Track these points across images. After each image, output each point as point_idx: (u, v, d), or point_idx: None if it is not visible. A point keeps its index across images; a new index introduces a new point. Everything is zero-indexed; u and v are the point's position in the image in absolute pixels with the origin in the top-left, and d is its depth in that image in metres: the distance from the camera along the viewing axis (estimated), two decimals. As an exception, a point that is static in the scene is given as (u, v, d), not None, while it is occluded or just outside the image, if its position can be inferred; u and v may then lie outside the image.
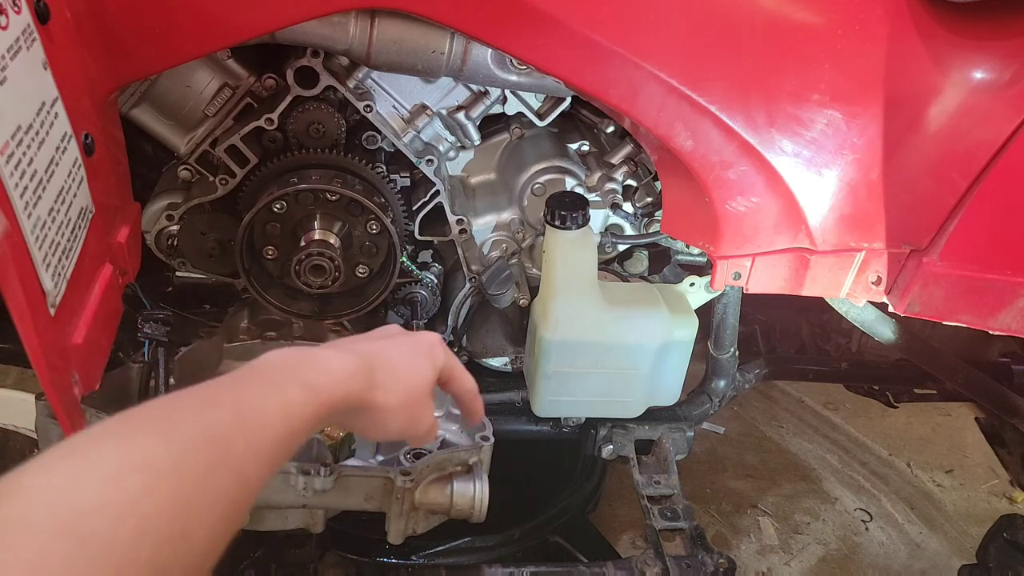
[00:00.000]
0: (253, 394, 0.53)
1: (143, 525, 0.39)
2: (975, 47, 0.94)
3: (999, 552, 1.36)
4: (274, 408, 0.53)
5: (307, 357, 0.62)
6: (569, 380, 1.24)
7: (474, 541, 1.43)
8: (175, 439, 0.44)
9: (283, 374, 0.58)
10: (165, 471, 0.42)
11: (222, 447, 0.47)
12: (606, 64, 0.94)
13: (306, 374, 0.59)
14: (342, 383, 0.63)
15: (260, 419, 0.51)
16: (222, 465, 0.46)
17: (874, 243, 1.04)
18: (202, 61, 1.11)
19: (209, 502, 0.44)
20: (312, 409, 0.58)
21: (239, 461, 0.47)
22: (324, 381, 0.60)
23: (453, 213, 1.23)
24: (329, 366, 0.62)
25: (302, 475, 0.93)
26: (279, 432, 0.53)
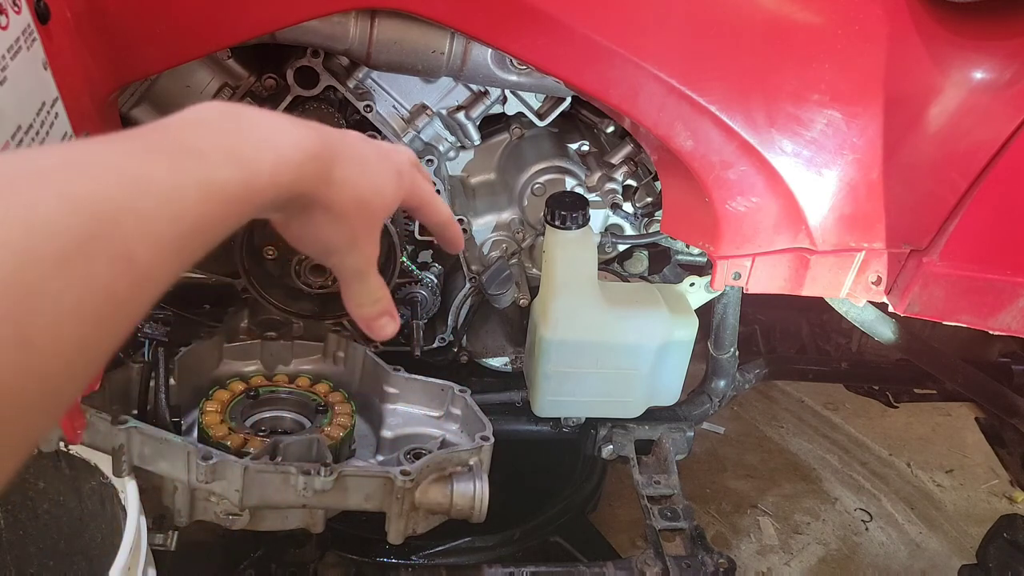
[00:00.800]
0: (160, 162, 0.39)
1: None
2: (975, 47, 0.94)
3: (999, 552, 1.36)
4: (191, 184, 0.40)
5: (249, 122, 0.47)
6: (569, 380, 1.24)
7: (474, 541, 1.43)
8: (29, 203, 0.31)
9: (212, 141, 0.44)
10: (7, 251, 0.30)
11: (103, 222, 0.34)
12: (606, 64, 0.94)
13: (243, 147, 0.45)
14: (294, 167, 0.48)
15: (166, 194, 0.38)
16: (99, 245, 0.33)
17: (874, 243, 1.04)
18: (202, 61, 1.11)
19: (69, 295, 0.31)
20: (244, 193, 0.44)
21: (127, 245, 0.35)
22: (268, 159, 0.46)
23: (453, 213, 1.23)
24: (278, 141, 0.48)
25: (302, 475, 0.93)
26: (195, 217, 0.40)
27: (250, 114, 0.48)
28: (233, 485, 0.92)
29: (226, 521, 0.96)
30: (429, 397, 1.12)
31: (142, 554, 0.85)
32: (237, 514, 0.96)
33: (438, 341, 1.35)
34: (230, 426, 0.99)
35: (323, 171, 0.52)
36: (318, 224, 0.55)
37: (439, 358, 1.37)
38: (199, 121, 0.45)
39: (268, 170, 0.46)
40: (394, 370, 1.12)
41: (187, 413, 1.05)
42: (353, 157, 0.55)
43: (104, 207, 0.34)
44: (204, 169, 0.41)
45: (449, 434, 1.10)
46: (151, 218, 0.36)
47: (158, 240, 0.37)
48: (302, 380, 1.11)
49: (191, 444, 0.92)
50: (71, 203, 0.33)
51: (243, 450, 0.96)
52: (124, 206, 0.35)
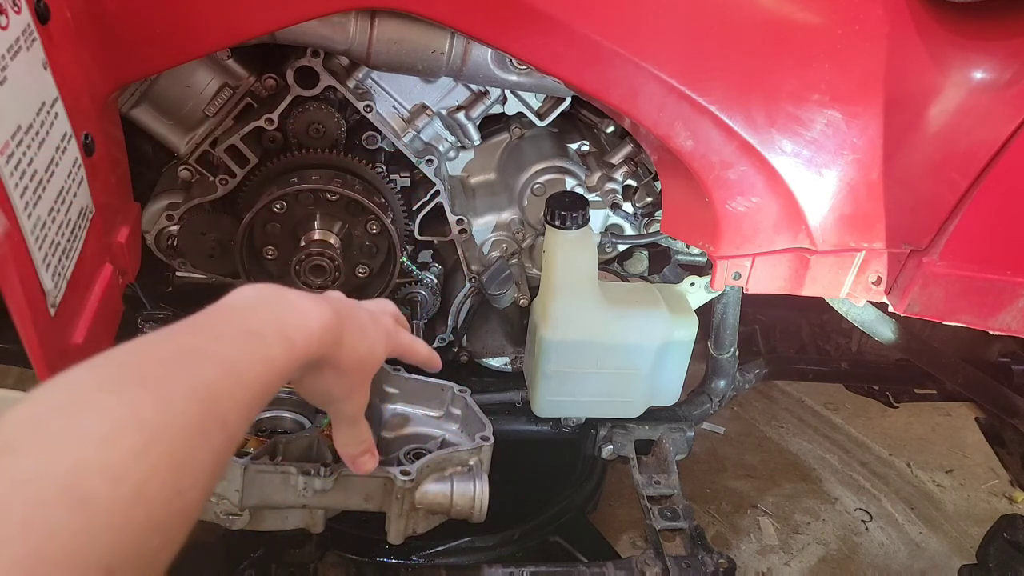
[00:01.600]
0: (238, 346, 0.52)
1: (141, 485, 0.39)
2: (975, 47, 0.94)
3: (999, 552, 1.36)
4: (257, 362, 0.52)
5: (287, 305, 0.60)
6: (569, 380, 1.24)
7: (474, 541, 1.43)
8: (165, 396, 0.43)
9: (265, 324, 0.56)
10: (159, 430, 0.41)
11: (211, 403, 0.46)
12: (606, 64, 0.94)
13: (286, 326, 0.57)
14: (317, 338, 0.60)
15: (245, 374, 0.50)
16: (212, 422, 0.45)
17: (874, 243, 1.04)
18: (202, 61, 1.11)
19: (201, 459, 0.44)
20: (289, 364, 0.56)
21: (225, 416, 0.47)
22: (301, 335, 0.58)
23: (453, 213, 1.23)
24: (307, 319, 0.60)
25: (302, 475, 0.93)
26: (260, 386, 0.52)
27: (283, 297, 0.60)
28: (233, 485, 0.92)
29: (226, 521, 0.96)
30: (429, 397, 1.12)
31: (142, 554, 0.85)
32: (237, 514, 0.96)
33: (438, 341, 1.35)
34: (230, 426, 0.99)
35: (336, 339, 0.63)
36: (326, 378, 0.67)
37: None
38: (250, 308, 0.57)
39: (302, 344, 0.58)
40: (394, 370, 1.12)
41: (187, 413, 1.05)
42: (355, 326, 0.67)
43: (211, 392, 0.46)
44: (264, 350, 0.53)
45: (449, 434, 1.10)
46: (236, 392, 0.49)
47: (240, 407, 0.49)
48: (302, 380, 1.11)
49: (191, 444, 0.92)
50: (194, 394, 0.45)
51: (243, 450, 0.96)
52: (221, 387, 0.47)
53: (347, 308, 0.67)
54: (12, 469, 0.36)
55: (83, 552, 0.35)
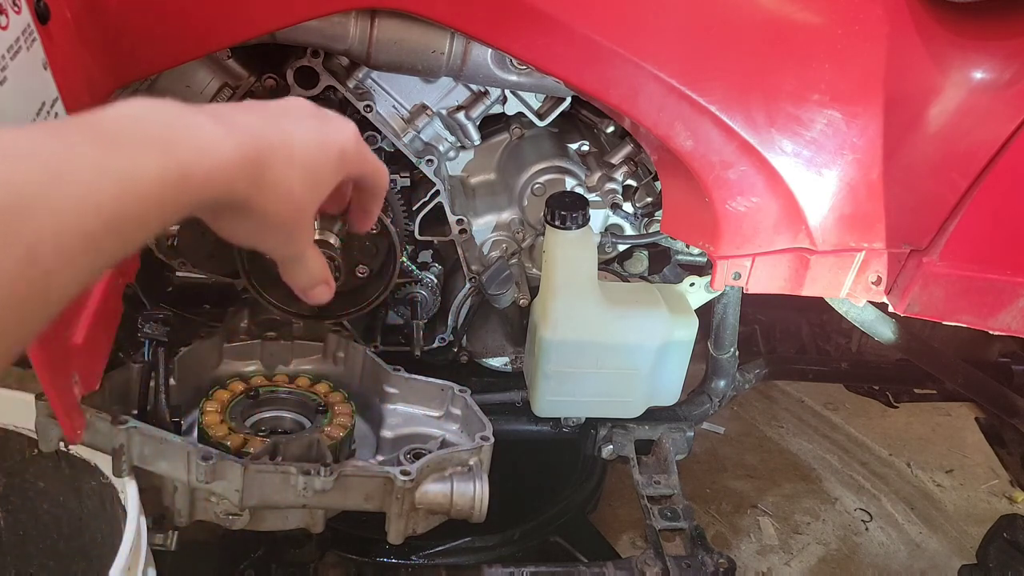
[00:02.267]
0: (81, 151, 0.38)
1: None
2: (975, 47, 0.94)
3: (999, 552, 1.36)
4: (110, 176, 0.38)
5: (179, 124, 0.45)
6: (569, 380, 1.24)
7: (474, 541, 1.43)
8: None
9: (137, 137, 0.42)
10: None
11: (11, 213, 0.33)
12: (606, 64, 0.94)
13: (172, 144, 0.43)
14: (218, 171, 0.46)
15: (82, 185, 0.36)
16: (3, 240, 0.32)
17: (874, 243, 1.04)
18: (202, 61, 1.11)
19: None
20: (167, 190, 0.42)
21: (35, 236, 0.33)
22: (196, 164, 0.44)
23: (453, 213, 1.23)
24: (206, 145, 0.46)
25: (302, 475, 0.93)
26: (108, 209, 0.38)
27: (183, 112, 0.46)
28: (233, 485, 0.92)
29: (226, 521, 0.96)
30: (429, 397, 1.12)
31: (142, 554, 0.85)
32: (237, 514, 0.96)
33: (438, 341, 1.35)
34: (230, 426, 0.99)
35: (256, 176, 0.50)
36: (250, 226, 0.54)
37: (439, 358, 1.37)
38: (129, 115, 0.43)
39: (198, 176, 0.44)
40: (394, 370, 1.12)
41: (187, 413, 1.05)
42: (289, 157, 0.53)
43: (16, 197, 0.33)
44: (124, 159, 0.39)
45: (449, 434, 1.10)
46: (65, 208, 0.35)
47: (70, 235, 0.35)
48: (302, 380, 1.11)
49: (191, 444, 0.92)
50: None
51: (243, 450, 0.96)
52: (39, 195, 0.34)
53: (274, 131, 0.52)
54: None
55: None
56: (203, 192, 0.45)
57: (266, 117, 0.53)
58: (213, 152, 0.46)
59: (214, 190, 0.46)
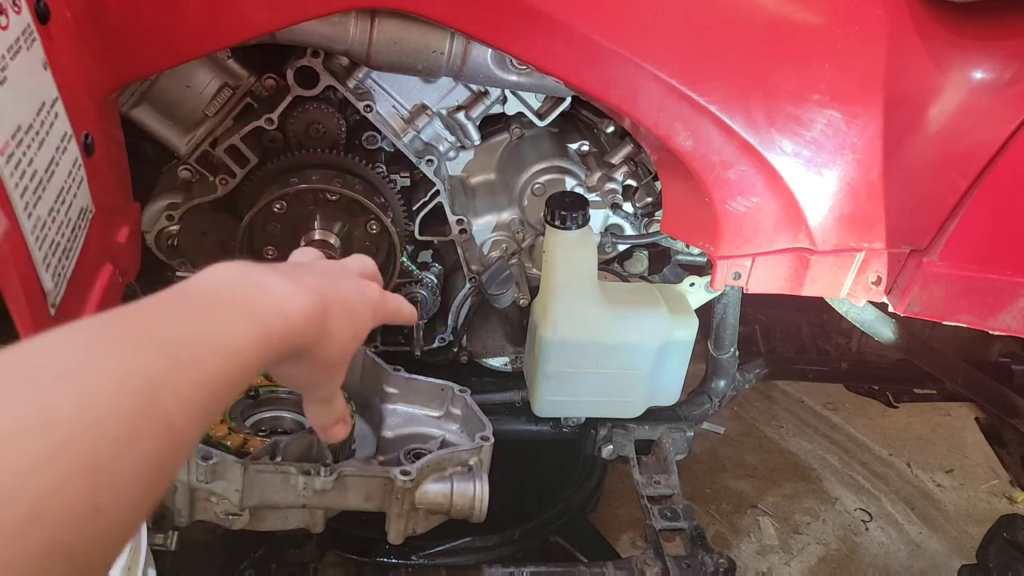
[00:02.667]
0: (189, 328, 0.43)
1: (42, 502, 0.31)
2: (975, 47, 0.94)
3: (999, 552, 1.36)
4: (215, 350, 0.43)
5: (260, 289, 0.50)
6: (569, 380, 1.24)
7: (474, 541, 1.43)
8: (89, 390, 0.35)
9: (233, 309, 0.47)
10: (75, 434, 0.33)
11: (148, 400, 0.37)
12: (606, 64, 0.94)
13: (260, 312, 0.48)
14: (297, 329, 0.52)
15: (197, 363, 0.41)
16: (147, 422, 0.37)
17: (874, 243, 1.04)
18: (202, 61, 1.11)
19: (130, 469, 0.35)
20: (259, 356, 0.47)
21: (169, 416, 0.38)
22: (278, 324, 0.49)
23: (453, 213, 1.23)
24: (284, 306, 0.51)
25: (302, 475, 0.93)
26: (218, 380, 0.43)
27: (260, 279, 0.52)
28: (233, 485, 0.92)
29: (226, 521, 0.96)
30: (429, 397, 1.12)
31: (142, 554, 0.85)
32: (237, 514, 0.96)
33: (438, 341, 1.35)
34: (230, 426, 0.99)
35: (320, 329, 0.56)
36: (304, 368, 0.59)
37: (439, 358, 1.37)
38: (217, 290, 0.49)
39: (279, 335, 0.50)
40: (394, 370, 1.12)
41: (187, 413, 1.05)
42: (342, 311, 0.59)
43: (149, 387, 0.38)
44: (227, 339, 0.45)
45: (449, 434, 1.10)
46: (184, 389, 0.40)
47: (191, 407, 0.40)
48: (302, 380, 1.11)
49: (191, 444, 0.92)
50: (126, 387, 0.37)
51: (243, 450, 0.96)
52: (165, 383, 0.39)
53: (332, 289, 0.58)
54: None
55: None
56: (281, 348, 0.51)
57: (323, 276, 0.61)
58: (289, 312, 0.52)
59: (290, 344, 0.52)
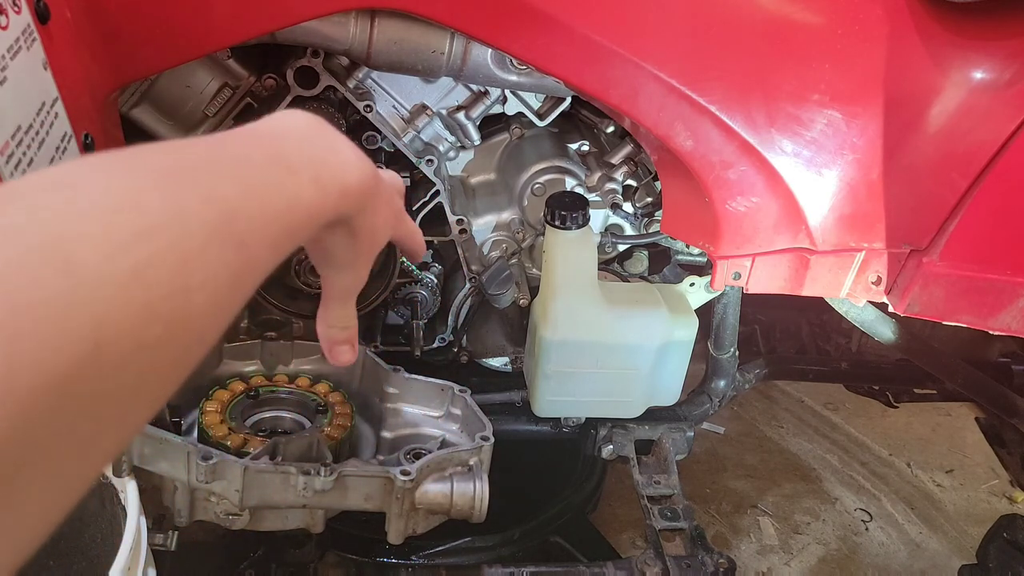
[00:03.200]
0: (264, 175, 0.46)
1: (140, 267, 0.34)
2: (975, 47, 0.94)
3: (999, 552, 1.36)
4: (283, 197, 0.47)
5: (330, 148, 0.54)
6: (569, 380, 1.24)
7: (474, 541, 1.43)
8: (174, 195, 0.38)
9: (303, 162, 0.50)
10: (165, 221, 0.36)
11: (227, 218, 0.41)
12: (606, 64, 0.94)
13: (323, 169, 0.51)
14: (352, 195, 0.55)
15: (266, 204, 0.45)
16: (225, 234, 0.40)
17: (874, 243, 1.04)
18: (202, 61, 1.11)
19: (213, 265, 0.39)
20: (317, 211, 0.51)
21: (243, 236, 0.42)
22: (336, 186, 0.53)
23: (453, 213, 1.23)
24: (347, 171, 0.54)
25: (302, 475, 0.93)
26: (284, 222, 0.47)
27: (331, 136, 0.55)
28: (233, 485, 0.92)
29: (226, 521, 0.96)
30: (429, 397, 1.12)
31: (142, 554, 0.85)
32: (237, 514, 0.96)
33: (438, 341, 1.35)
34: (230, 426, 0.99)
35: (363, 203, 0.58)
36: (335, 240, 0.61)
37: (439, 358, 1.37)
38: (289, 138, 0.52)
39: (335, 196, 0.53)
40: (394, 370, 1.12)
41: (187, 413, 1.05)
42: (383, 195, 0.62)
43: (227, 208, 0.42)
44: (294, 187, 0.48)
45: (449, 434, 1.10)
46: (257, 217, 0.44)
47: (262, 235, 0.45)
48: (302, 380, 1.11)
49: (191, 444, 0.92)
50: (208, 203, 0.40)
51: (243, 450, 0.96)
52: (239, 207, 0.43)
53: (380, 174, 0.61)
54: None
55: (67, 315, 0.31)
56: (336, 212, 0.54)
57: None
58: (349, 180, 0.54)
59: (343, 210, 0.55)
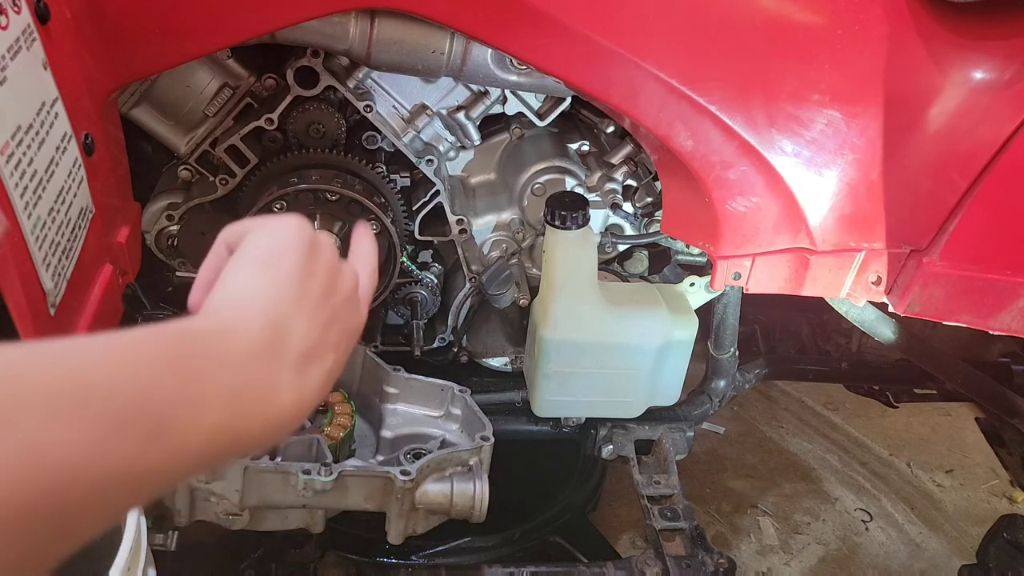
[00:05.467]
0: (147, 409, 0.37)
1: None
2: (975, 47, 0.94)
3: (999, 552, 1.36)
4: (165, 446, 0.38)
5: (267, 382, 0.44)
6: (569, 380, 1.24)
7: (474, 541, 1.43)
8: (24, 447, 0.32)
9: (219, 388, 0.41)
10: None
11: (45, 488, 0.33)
12: (606, 64, 0.94)
13: (249, 408, 0.42)
14: (269, 438, 0.45)
15: (130, 452, 0.36)
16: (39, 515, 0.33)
17: (874, 243, 1.04)
18: (202, 61, 1.11)
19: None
20: (218, 453, 0.41)
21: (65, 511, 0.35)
22: (256, 431, 0.43)
23: (453, 213, 1.23)
24: (278, 412, 0.44)
25: (302, 475, 0.93)
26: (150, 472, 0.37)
27: (279, 379, 0.45)
28: (233, 485, 0.92)
29: (226, 521, 0.96)
30: (429, 397, 1.12)
31: (142, 554, 0.85)
32: (237, 514, 0.96)
33: (438, 341, 1.35)
34: (230, 426, 0.99)
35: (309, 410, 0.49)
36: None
37: (439, 358, 1.37)
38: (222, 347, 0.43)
39: (253, 438, 0.43)
40: (394, 370, 1.12)
41: (187, 413, 1.05)
42: (340, 364, 0.52)
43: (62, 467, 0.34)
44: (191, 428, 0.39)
45: (449, 434, 1.10)
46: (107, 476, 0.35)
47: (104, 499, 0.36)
48: (302, 380, 1.11)
49: (191, 444, 0.92)
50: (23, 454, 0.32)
51: (243, 450, 0.96)
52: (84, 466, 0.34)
53: (338, 358, 0.51)
54: None
55: None
56: (243, 451, 0.44)
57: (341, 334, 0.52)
58: (285, 421, 0.45)
59: (252, 449, 0.45)
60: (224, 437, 0.41)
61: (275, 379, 0.45)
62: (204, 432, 0.39)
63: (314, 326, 0.49)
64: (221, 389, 0.41)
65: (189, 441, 0.39)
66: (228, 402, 0.41)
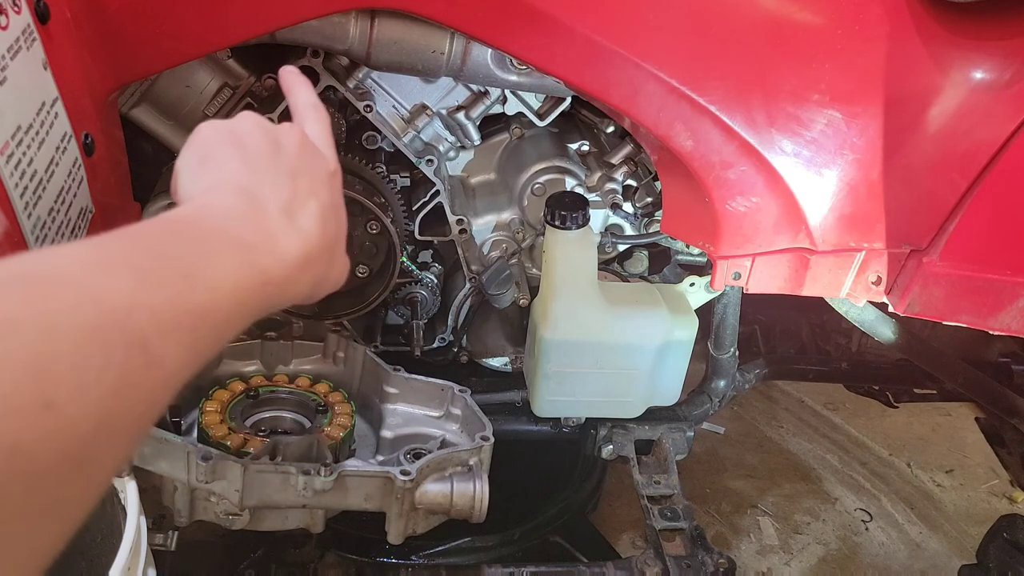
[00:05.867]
0: (173, 261, 0.42)
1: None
2: (975, 47, 0.94)
3: (999, 552, 1.36)
4: (197, 282, 0.42)
5: (261, 233, 0.49)
6: (569, 380, 1.24)
7: (474, 541, 1.43)
8: (44, 293, 0.34)
9: (219, 242, 0.46)
10: (24, 335, 0.32)
11: (114, 315, 0.36)
12: (606, 64, 0.94)
13: (252, 255, 0.47)
14: (294, 279, 0.51)
15: (178, 290, 0.41)
16: (112, 333, 0.36)
17: (874, 243, 1.04)
18: (202, 61, 1.11)
19: (91, 370, 0.34)
20: (253, 294, 0.46)
21: (143, 333, 0.37)
22: (277, 272, 0.49)
23: (453, 213, 1.23)
24: (286, 254, 0.50)
25: (302, 475, 0.93)
26: (207, 310, 0.42)
27: (265, 219, 0.50)
28: (233, 485, 0.92)
29: (226, 521, 0.96)
30: (429, 397, 1.12)
31: (142, 554, 0.85)
32: (237, 514, 0.96)
33: (438, 341, 1.35)
34: (230, 426, 0.99)
35: (320, 275, 0.55)
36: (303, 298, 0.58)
37: (439, 358, 1.37)
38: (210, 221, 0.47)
39: (276, 277, 0.48)
40: (394, 370, 1.12)
41: (187, 413, 1.05)
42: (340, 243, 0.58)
43: (117, 301, 0.37)
44: (208, 271, 0.43)
45: (449, 434, 1.10)
46: (163, 310, 0.39)
47: (173, 330, 0.39)
48: (302, 380, 1.11)
49: (191, 444, 0.92)
50: (82, 296, 0.36)
51: (243, 450, 0.96)
52: (136, 301, 0.38)
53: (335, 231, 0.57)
54: None
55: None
56: (281, 294, 0.50)
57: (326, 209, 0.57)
58: (294, 263, 0.50)
59: (288, 292, 0.51)
60: (250, 276, 0.46)
61: (267, 231, 0.50)
62: (229, 272, 0.44)
63: (280, 182, 0.55)
64: (224, 242, 0.46)
65: (220, 280, 0.43)
66: (236, 250, 0.46)
